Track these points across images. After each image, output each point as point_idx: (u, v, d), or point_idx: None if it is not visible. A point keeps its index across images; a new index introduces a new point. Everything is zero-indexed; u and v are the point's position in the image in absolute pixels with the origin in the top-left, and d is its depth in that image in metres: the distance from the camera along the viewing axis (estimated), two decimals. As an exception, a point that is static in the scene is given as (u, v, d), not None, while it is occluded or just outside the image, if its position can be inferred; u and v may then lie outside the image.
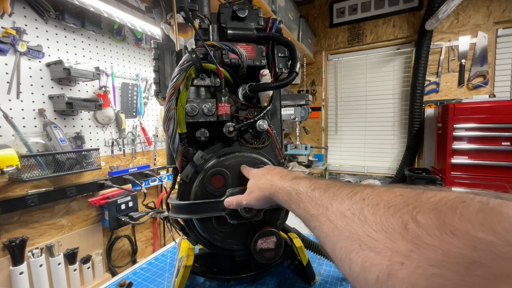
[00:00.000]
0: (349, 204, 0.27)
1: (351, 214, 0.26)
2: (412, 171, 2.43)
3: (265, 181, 0.48)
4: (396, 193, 0.24)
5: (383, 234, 0.22)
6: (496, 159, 1.90)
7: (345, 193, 0.29)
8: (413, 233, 0.20)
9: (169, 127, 0.56)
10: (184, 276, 0.65)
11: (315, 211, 0.32)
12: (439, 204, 0.20)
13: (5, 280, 1.17)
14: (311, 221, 0.33)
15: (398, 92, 2.87)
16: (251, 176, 0.55)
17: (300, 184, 0.39)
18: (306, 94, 2.04)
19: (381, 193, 0.26)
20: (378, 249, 0.21)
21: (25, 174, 1.14)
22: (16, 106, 1.23)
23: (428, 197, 0.21)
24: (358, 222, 0.25)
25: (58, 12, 1.34)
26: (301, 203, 0.36)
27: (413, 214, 0.21)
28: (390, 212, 0.23)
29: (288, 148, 2.73)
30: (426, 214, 0.20)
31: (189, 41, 0.61)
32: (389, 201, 0.24)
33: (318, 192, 0.34)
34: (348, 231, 0.25)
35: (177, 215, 0.60)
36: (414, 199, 0.22)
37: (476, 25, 2.42)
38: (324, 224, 0.29)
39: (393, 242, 0.21)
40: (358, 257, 0.23)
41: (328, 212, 0.30)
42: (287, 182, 0.42)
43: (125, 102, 1.76)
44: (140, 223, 1.64)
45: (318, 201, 0.33)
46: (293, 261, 0.80)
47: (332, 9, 3.05)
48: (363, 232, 0.24)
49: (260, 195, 0.49)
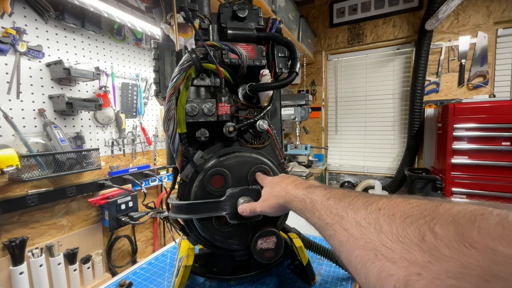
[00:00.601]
0: (365, 213, 0.28)
1: (367, 224, 0.26)
2: (412, 171, 2.43)
3: (279, 189, 0.49)
4: (413, 204, 0.24)
5: (400, 244, 0.22)
6: (496, 159, 1.90)
7: (361, 203, 0.30)
8: (430, 244, 0.20)
9: (169, 127, 0.56)
10: (184, 276, 0.65)
11: (330, 220, 0.32)
12: (457, 216, 0.20)
13: (5, 280, 1.17)
14: (326, 229, 0.33)
15: (398, 92, 2.87)
16: (265, 183, 0.56)
17: (315, 193, 0.39)
18: (306, 94, 2.04)
19: (397, 203, 0.26)
20: (395, 259, 0.21)
21: (25, 174, 1.14)
22: (16, 106, 1.23)
23: (446, 209, 0.21)
24: (374, 232, 0.25)
25: (58, 12, 1.34)
26: (316, 212, 0.36)
27: (431, 226, 0.21)
28: (406, 222, 0.23)
29: (288, 148, 2.73)
30: (444, 226, 0.20)
31: (189, 41, 0.61)
32: (405, 211, 0.24)
33: (333, 201, 0.34)
34: (363, 240, 0.25)
35: (177, 215, 0.60)
36: (431, 210, 0.22)
37: (476, 25, 2.42)
38: (340, 233, 0.29)
39: (410, 252, 0.20)
40: (374, 267, 0.23)
41: (343, 221, 0.30)
42: (302, 190, 0.43)
43: (125, 102, 1.76)
44: (140, 223, 1.64)
45: (333, 210, 0.33)
46: (293, 261, 0.80)
47: (332, 9, 3.05)
48: (379, 242, 0.24)
49: (274, 203, 0.49)
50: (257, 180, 0.61)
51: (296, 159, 2.77)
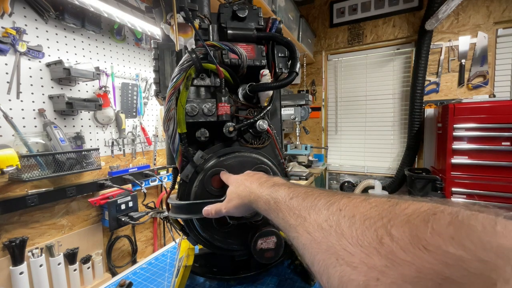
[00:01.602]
0: (326, 215, 0.27)
1: (328, 226, 0.26)
2: (412, 171, 2.43)
3: (244, 188, 0.47)
4: (372, 204, 0.24)
5: (359, 248, 0.22)
6: (496, 159, 1.90)
7: (323, 203, 0.29)
8: (387, 248, 0.20)
9: (169, 127, 0.56)
10: (184, 276, 0.65)
11: (294, 221, 0.32)
12: (412, 216, 0.20)
13: (5, 280, 1.17)
14: (290, 231, 0.32)
15: (398, 92, 2.87)
16: (230, 182, 0.54)
17: (279, 192, 0.38)
18: (306, 94, 2.04)
19: (357, 204, 0.26)
20: (355, 264, 0.21)
21: (25, 174, 1.14)
22: (16, 106, 1.23)
23: (402, 209, 0.21)
24: (335, 235, 0.25)
25: (58, 12, 1.34)
26: (280, 213, 0.36)
27: (388, 228, 0.21)
28: (365, 225, 0.23)
29: (288, 148, 2.73)
30: (399, 228, 0.20)
31: (189, 41, 0.61)
32: (364, 213, 0.24)
33: (296, 201, 0.34)
34: (325, 244, 0.25)
35: (177, 215, 0.60)
36: (388, 211, 0.22)
37: (476, 25, 2.42)
38: (303, 236, 0.29)
39: (369, 257, 0.21)
40: (336, 272, 0.23)
41: (306, 223, 0.29)
42: (266, 189, 0.42)
43: (125, 102, 1.76)
44: (140, 223, 1.64)
45: (296, 210, 0.32)
46: (293, 261, 0.80)
47: (332, 9, 3.05)
48: (340, 246, 0.23)
49: (239, 203, 0.48)
50: (221, 179, 0.59)
51: (296, 159, 2.77)
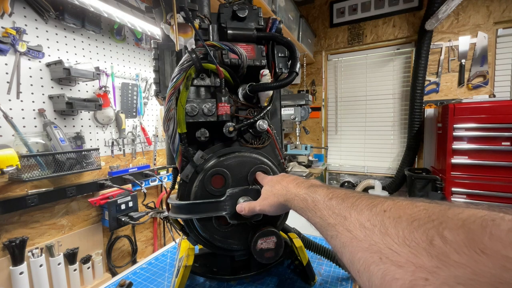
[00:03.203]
0: (369, 215, 0.27)
1: (371, 226, 0.25)
2: (412, 171, 2.43)
3: (280, 188, 0.48)
4: (420, 207, 0.23)
5: (406, 248, 0.21)
6: (496, 159, 1.90)
7: (365, 204, 0.29)
8: (439, 249, 0.19)
9: (169, 127, 0.56)
10: (184, 276, 0.65)
11: (333, 220, 0.31)
12: (468, 221, 0.19)
13: (5, 280, 1.17)
14: (328, 230, 0.32)
15: (398, 92, 2.87)
16: (265, 182, 0.55)
17: (317, 192, 0.38)
18: (306, 94, 2.04)
19: (403, 206, 0.25)
20: (401, 263, 0.21)
21: (25, 174, 1.14)
22: (16, 106, 1.23)
23: (455, 213, 0.21)
24: (379, 234, 0.24)
25: (58, 12, 1.34)
26: (318, 211, 0.35)
27: (439, 230, 0.20)
28: (413, 225, 0.22)
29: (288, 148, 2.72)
30: (453, 231, 0.19)
31: (189, 41, 0.61)
32: (412, 214, 0.23)
33: (336, 201, 0.33)
34: (367, 242, 0.25)
35: (177, 215, 0.60)
36: (440, 214, 0.21)
37: (476, 25, 2.42)
38: (342, 234, 0.29)
39: (417, 257, 0.20)
40: (378, 270, 0.22)
41: (346, 222, 0.29)
42: (303, 189, 0.42)
43: (125, 102, 1.76)
44: (140, 223, 1.64)
45: (336, 210, 0.32)
46: (293, 261, 0.80)
47: (332, 9, 3.05)
48: (384, 245, 0.23)
49: (275, 201, 0.48)
50: (257, 180, 0.61)
51: (296, 159, 2.77)
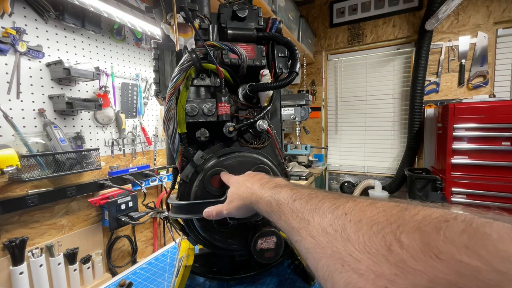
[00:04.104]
0: (331, 219, 0.27)
1: (333, 231, 0.25)
2: (412, 171, 2.43)
3: (245, 189, 0.46)
4: (379, 209, 0.23)
5: (366, 255, 0.21)
6: (496, 159, 1.90)
7: (327, 206, 0.29)
8: (397, 256, 0.19)
9: (169, 127, 0.56)
10: (184, 276, 0.65)
11: (297, 224, 0.31)
12: (423, 223, 0.19)
13: (5, 280, 1.17)
14: (293, 234, 0.32)
15: (398, 92, 2.87)
16: (231, 183, 0.53)
17: (281, 194, 0.37)
18: (306, 94, 2.04)
19: (363, 208, 0.25)
20: (362, 271, 0.21)
21: (25, 174, 1.14)
22: (16, 106, 1.23)
23: (412, 214, 0.21)
24: (341, 240, 0.24)
25: (58, 12, 1.34)
26: (282, 215, 0.35)
27: (397, 234, 0.20)
28: (373, 230, 0.22)
29: (288, 148, 2.72)
30: (410, 235, 0.19)
31: (189, 41, 0.61)
32: (372, 217, 0.23)
33: (299, 203, 0.33)
34: (330, 249, 0.25)
35: (177, 215, 0.60)
36: (397, 216, 0.21)
37: (476, 25, 2.42)
38: (306, 239, 0.28)
39: (377, 264, 0.20)
40: (341, 278, 0.22)
41: (309, 226, 0.29)
42: (268, 191, 0.41)
43: (125, 102, 1.76)
44: (140, 223, 1.64)
45: (300, 213, 0.31)
46: (293, 261, 0.80)
47: (332, 9, 3.05)
48: (345, 252, 0.23)
49: (240, 204, 0.47)
50: (222, 180, 0.58)
51: (296, 159, 2.77)
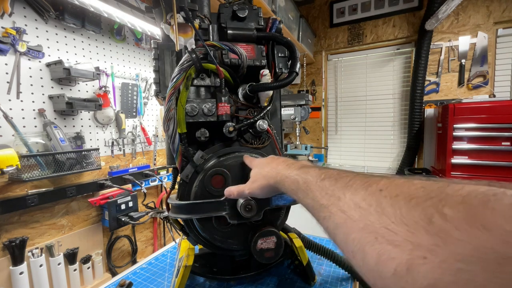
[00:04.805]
0: (364, 194, 0.25)
1: (367, 205, 0.24)
2: (412, 171, 2.43)
3: (270, 169, 0.46)
4: (417, 185, 0.22)
5: (404, 227, 0.20)
6: (496, 159, 1.90)
7: (359, 183, 0.27)
8: (439, 227, 0.18)
9: (169, 127, 0.56)
10: (184, 276, 0.65)
11: (326, 201, 0.30)
12: (468, 197, 0.18)
13: (5, 280, 1.17)
14: (321, 211, 0.30)
15: (398, 92, 2.87)
16: (254, 165, 0.53)
17: (309, 173, 0.36)
18: (306, 94, 2.04)
19: (399, 184, 0.24)
20: (397, 242, 0.20)
21: (25, 174, 1.14)
22: (16, 106, 1.23)
23: (455, 189, 0.20)
24: (375, 214, 0.23)
25: (58, 12, 1.34)
26: (310, 192, 0.34)
27: (439, 207, 0.19)
28: (411, 204, 0.21)
29: (288, 148, 2.72)
30: (453, 207, 0.18)
31: (189, 41, 0.61)
32: (409, 192, 0.22)
33: (328, 181, 0.32)
34: (363, 222, 0.24)
35: (177, 215, 0.60)
36: (438, 191, 0.20)
37: (476, 25, 2.42)
38: (336, 215, 0.27)
39: (414, 235, 0.19)
40: (374, 250, 0.21)
41: (340, 202, 0.28)
42: (294, 170, 0.40)
43: (125, 102, 1.76)
44: (140, 223, 1.64)
45: (329, 191, 0.30)
46: (293, 261, 0.80)
47: (332, 9, 3.05)
48: (380, 224, 0.22)
49: (264, 184, 0.47)
50: (245, 162, 0.58)
51: (296, 159, 2.76)
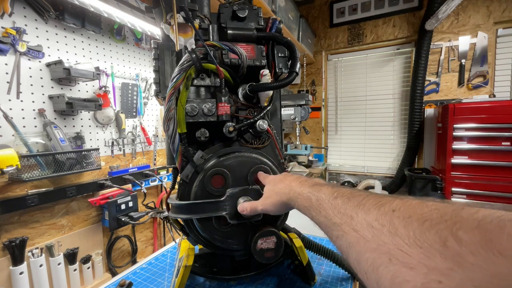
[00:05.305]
0: (377, 214, 0.26)
1: (380, 225, 0.24)
2: (412, 171, 2.43)
3: (283, 186, 0.47)
4: (431, 207, 0.23)
5: (418, 249, 0.20)
6: (496, 159, 1.90)
7: (372, 203, 0.28)
8: (453, 251, 0.18)
9: (169, 127, 0.56)
10: (184, 276, 0.65)
11: (338, 220, 0.30)
12: (484, 221, 0.18)
13: (5, 280, 1.17)
14: (334, 229, 0.31)
15: (398, 92, 2.87)
16: (267, 182, 0.54)
17: (322, 191, 0.37)
18: (306, 94, 2.04)
19: (413, 205, 0.24)
20: (412, 265, 0.20)
21: (25, 174, 1.14)
22: (16, 106, 1.23)
23: (470, 213, 0.20)
24: (388, 234, 0.23)
25: (58, 12, 1.34)
26: (323, 210, 0.34)
27: (453, 230, 0.19)
28: (425, 226, 0.21)
29: (288, 148, 2.72)
30: (469, 231, 0.18)
31: (189, 41, 0.61)
32: (423, 214, 0.22)
33: (341, 200, 0.32)
34: (376, 242, 0.24)
35: (177, 215, 0.60)
36: (453, 214, 0.20)
37: (476, 25, 2.42)
38: (349, 234, 0.28)
39: (429, 258, 0.19)
40: (388, 272, 0.21)
41: (353, 221, 0.28)
42: (307, 188, 0.41)
43: (125, 102, 1.76)
44: (140, 223, 1.64)
45: (342, 209, 0.31)
46: (293, 261, 0.80)
47: (332, 9, 3.05)
48: (393, 245, 0.22)
49: (277, 200, 0.47)
50: (258, 179, 0.60)
51: (296, 159, 2.77)
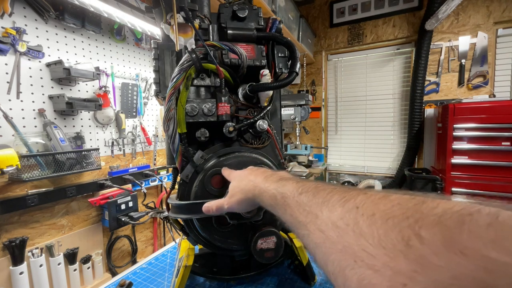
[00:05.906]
0: (342, 212, 0.25)
1: (344, 225, 0.24)
2: (412, 171, 2.43)
3: (247, 182, 0.45)
4: (394, 202, 0.22)
5: (382, 250, 0.20)
6: (496, 159, 1.90)
7: (336, 199, 0.27)
8: (416, 251, 0.18)
9: (169, 127, 0.56)
10: (184, 276, 0.65)
11: (304, 218, 0.30)
12: (444, 217, 0.18)
13: (5, 280, 1.17)
14: (300, 228, 0.30)
15: (398, 92, 2.87)
16: (232, 178, 0.52)
17: (286, 187, 0.36)
18: (306, 94, 2.04)
19: (376, 201, 0.23)
20: (377, 267, 0.19)
21: (25, 174, 1.14)
22: (16, 106, 1.23)
23: (430, 208, 0.19)
24: (353, 235, 0.23)
25: (58, 12, 1.34)
26: (288, 208, 0.33)
27: (415, 229, 0.19)
28: (388, 225, 0.21)
29: (288, 148, 2.72)
30: (430, 229, 0.18)
31: (189, 41, 0.61)
32: (386, 211, 0.22)
33: (306, 196, 0.31)
34: (341, 244, 0.23)
35: (177, 215, 0.60)
36: (414, 210, 0.20)
37: (476, 25, 2.42)
38: (314, 234, 0.27)
39: (393, 260, 0.19)
40: (354, 274, 0.21)
41: (318, 220, 0.27)
42: (272, 184, 0.39)
43: (125, 102, 1.76)
44: (140, 223, 1.64)
45: (307, 207, 0.30)
46: (293, 261, 0.80)
47: (332, 9, 3.05)
48: (358, 247, 0.21)
49: (242, 198, 0.46)
50: (222, 179, 0.57)
51: (296, 159, 2.76)
